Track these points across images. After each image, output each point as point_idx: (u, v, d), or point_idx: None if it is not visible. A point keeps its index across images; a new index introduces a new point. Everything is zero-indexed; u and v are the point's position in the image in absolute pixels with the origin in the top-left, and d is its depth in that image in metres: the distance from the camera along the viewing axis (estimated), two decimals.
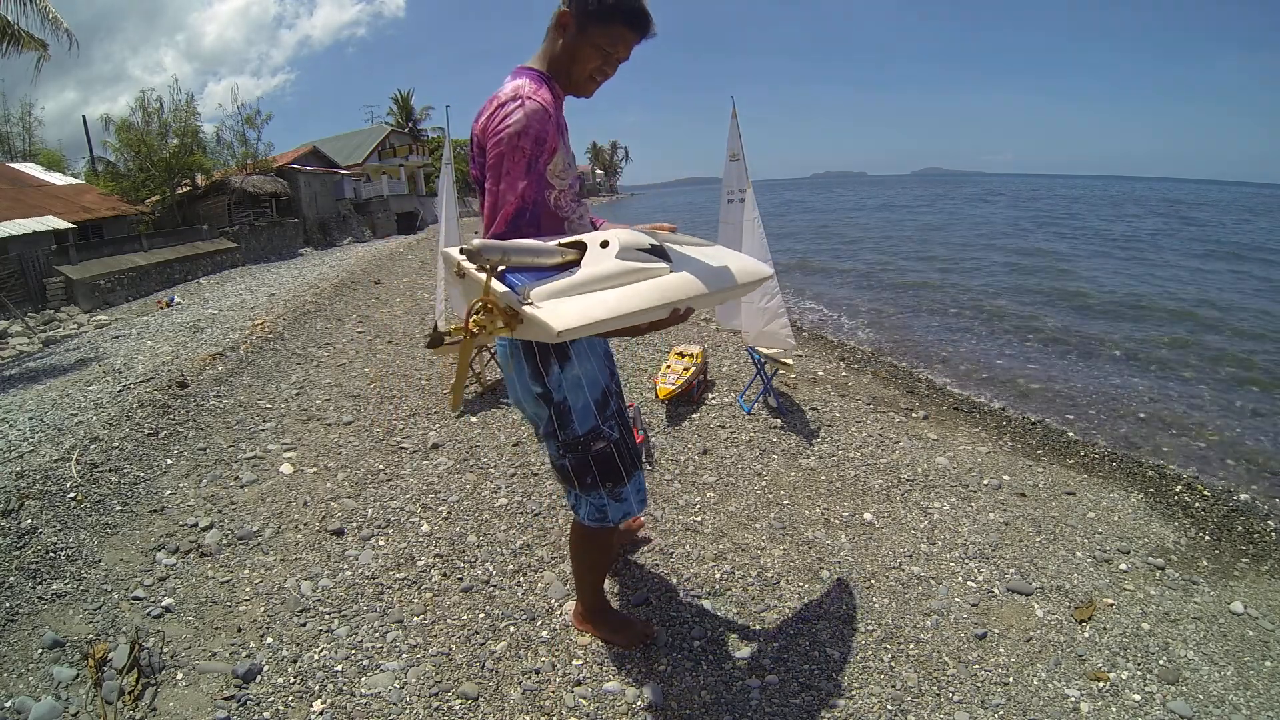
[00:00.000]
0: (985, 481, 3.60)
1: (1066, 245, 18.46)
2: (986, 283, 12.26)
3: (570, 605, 2.47)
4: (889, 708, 2.01)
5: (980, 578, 2.69)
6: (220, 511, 3.32)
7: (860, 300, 10.83)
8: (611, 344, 1.99)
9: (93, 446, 4.17)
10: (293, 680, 2.15)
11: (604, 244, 1.51)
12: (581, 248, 1.50)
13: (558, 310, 1.33)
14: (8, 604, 2.53)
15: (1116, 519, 3.28)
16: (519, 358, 1.78)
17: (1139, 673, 2.18)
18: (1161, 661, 2.24)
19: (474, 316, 1.34)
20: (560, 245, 1.50)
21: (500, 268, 1.38)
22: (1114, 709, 2.03)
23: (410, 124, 43.35)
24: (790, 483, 3.52)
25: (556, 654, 2.25)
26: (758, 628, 2.37)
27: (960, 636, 2.33)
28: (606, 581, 2.59)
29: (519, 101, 1.58)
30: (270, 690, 2.11)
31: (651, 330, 1.60)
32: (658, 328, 1.59)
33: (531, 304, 1.33)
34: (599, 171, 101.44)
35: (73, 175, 21.54)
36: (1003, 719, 1.99)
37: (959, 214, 34.31)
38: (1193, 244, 18.68)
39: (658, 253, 1.57)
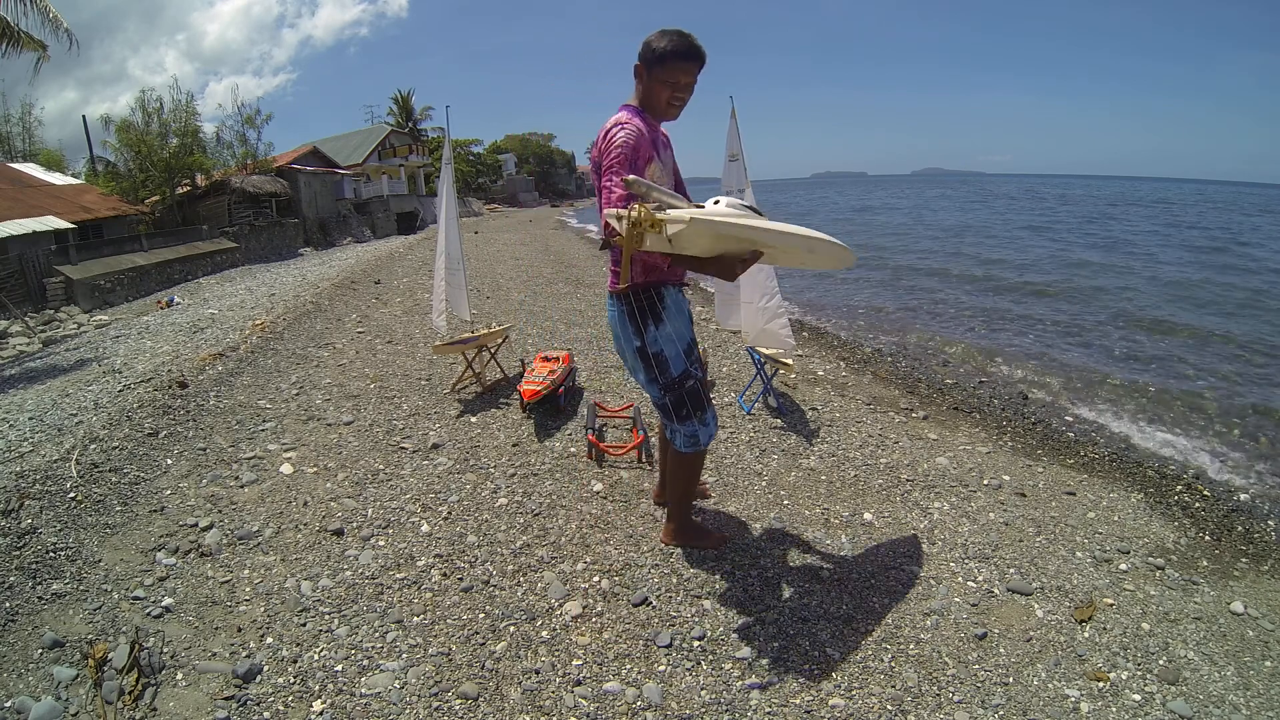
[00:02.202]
0: (985, 481, 3.60)
1: (1067, 246, 18.47)
2: (987, 283, 12.26)
3: (570, 605, 2.49)
4: (889, 708, 2.02)
5: (980, 578, 2.69)
6: (220, 511, 3.32)
7: (860, 300, 10.83)
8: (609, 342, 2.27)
9: (93, 446, 4.17)
10: (293, 680, 2.15)
11: (715, 202, 2.13)
12: (699, 207, 2.10)
13: (684, 215, 1.93)
14: (8, 604, 2.53)
15: (1116, 519, 3.28)
16: (624, 320, 2.44)
17: (1139, 673, 2.18)
18: (1161, 661, 2.24)
19: (635, 212, 1.93)
20: (687, 202, 2.16)
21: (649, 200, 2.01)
22: (1114, 709, 2.03)
23: (410, 124, 43.33)
24: (790, 483, 3.52)
25: (556, 654, 2.25)
26: (758, 628, 2.37)
27: (960, 636, 2.33)
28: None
29: (619, 126, 2.28)
30: (270, 690, 2.12)
31: (742, 269, 2.14)
32: (745, 265, 2.14)
33: (666, 216, 1.93)
34: None
35: (73, 175, 21.49)
36: (1003, 719, 1.99)
37: (958, 215, 34.32)
38: (1193, 244, 18.70)
39: (755, 213, 2.15)
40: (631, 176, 2.02)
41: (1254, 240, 20.08)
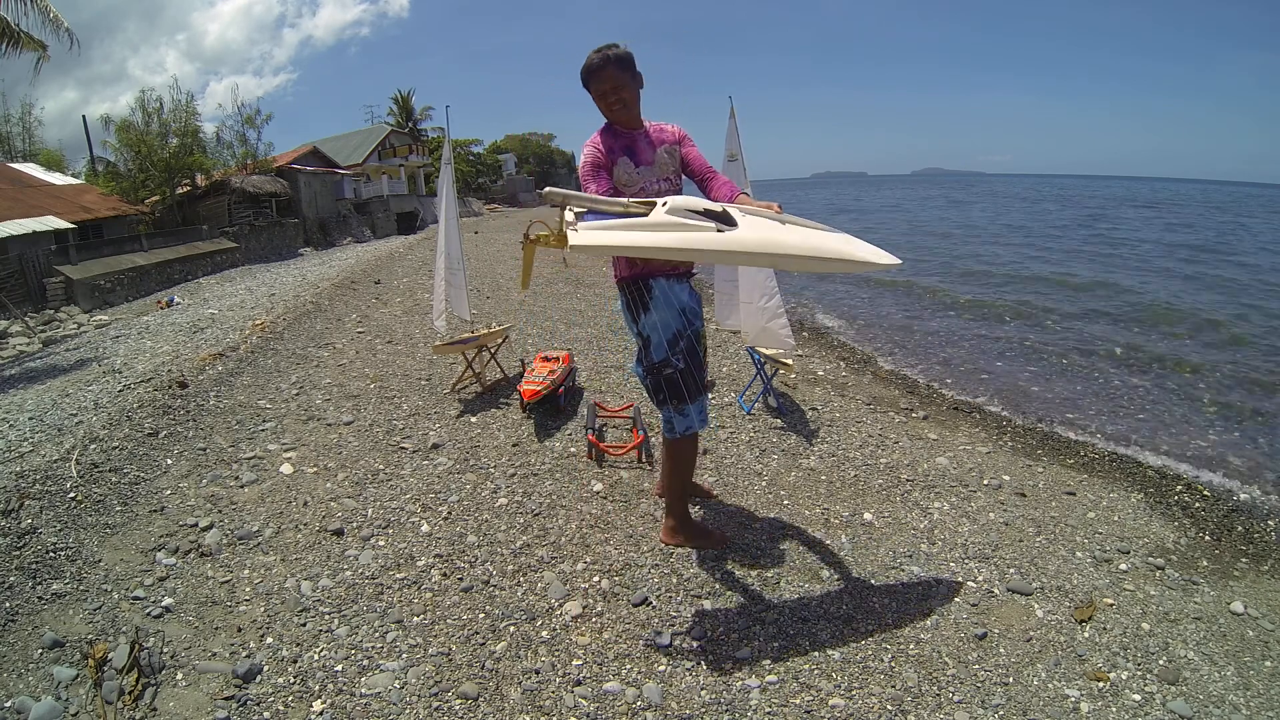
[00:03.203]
0: (985, 481, 3.60)
1: (1066, 247, 18.47)
2: (986, 284, 12.26)
3: (570, 605, 2.49)
4: (889, 708, 2.01)
5: (980, 578, 2.69)
6: (220, 511, 3.32)
7: (861, 301, 10.83)
8: (613, 343, 2.33)
9: (93, 446, 4.17)
10: (293, 680, 2.15)
11: (664, 204, 2.18)
12: (652, 206, 2.20)
13: (581, 235, 2.02)
14: (8, 604, 2.53)
15: (1116, 519, 3.28)
16: (623, 307, 2.64)
17: (1139, 673, 2.18)
18: (1161, 661, 2.24)
19: (540, 232, 2.09)
20: (633, 202, 2.24)
21: (569, 207, 2.13)
22: (1114, 709, 2.03)
23: (410, 124, 43.29)
24: (790, 483, 3.52)
25: (556, 654, 2.25)
26: (758, 628, 2.37)
27: (960, 636, 2.33)
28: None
29: (583, 149, 2.54)
30: (270, 690, 2.12)
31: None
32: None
33: (575, 229, 2.04)
34: None
35: (73, 175, 21.48)
36: (1003, 719, 1.99)
37: (957, 216, 34.33)
38: (1192, 245, 18.70)
39: (717, 217, 2.17)
40: (547, 189, 2.19)
41: (1254, 244, 20.08)
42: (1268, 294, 10.84)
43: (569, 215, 2.09)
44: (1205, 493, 3.75)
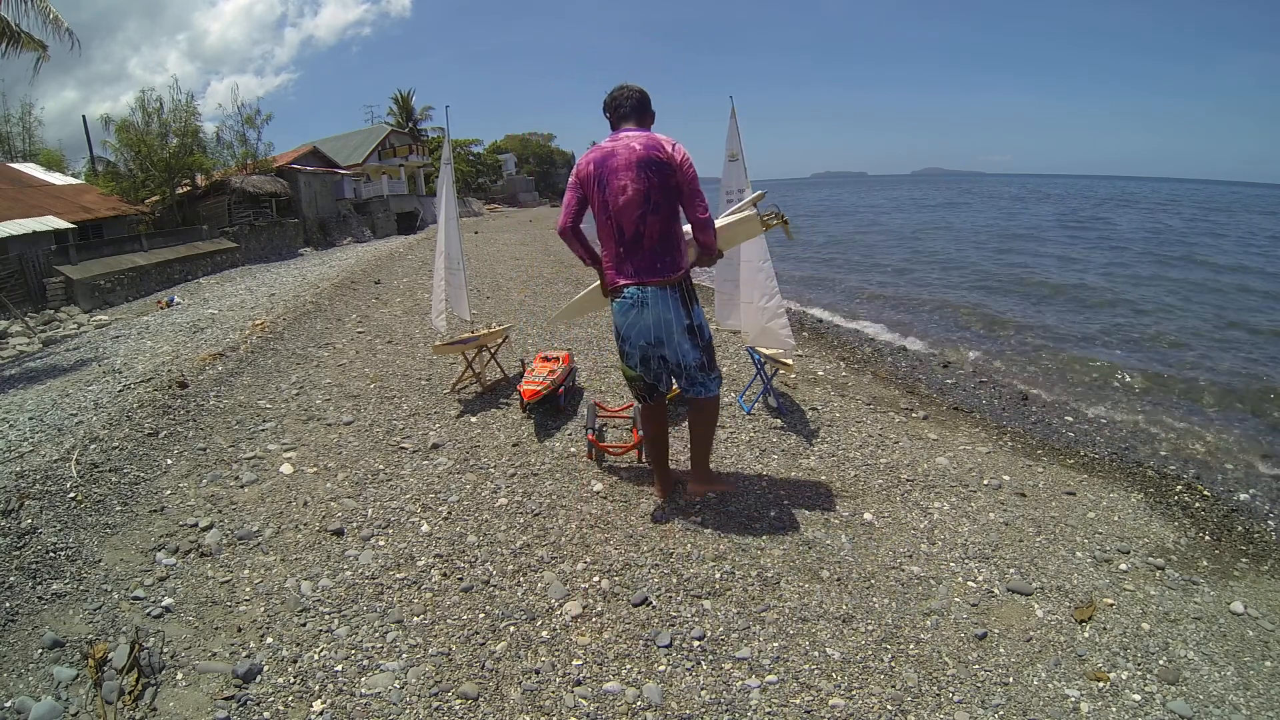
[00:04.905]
0: (985, 481, 3.60)
1: (1066, 247, 18.47)
2: (985, 284, 12.25)
3: (570, 605, 2.49)
4: (889, 708, 2.02)
5: (980, 578, 2.69)
6: (220, 511, 3.32)
7: (860, 301, 10.83)
8: (613, 343, 2.97)
9: (93, 446, 4.17)
10: (293, 680, 2.15)
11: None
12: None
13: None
14: (8, 604, 2.53)
15: (1116, 519, 3.28)
16: (674, 305, 2.90)
17: (1139, 673, 2.18)
18: (1161, 661, 2.24)
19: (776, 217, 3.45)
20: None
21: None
22: (1114, 709, 2.03)
23: (410, 124, 43.31)
24: (790, 483, 3.52)
25: (556, 654, 2.25)
26: (758, 628, 2.37)
27: (960, 636, 2.33)
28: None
29: (681, 146, 2.90)
30: (270, 690, 2.12)
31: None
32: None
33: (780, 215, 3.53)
34: None
35: (73, 175, 21.46)
36: (1003, 719, 1.99)
37: (956, 216, 34.32)
38: (1193, 245, 18.69)
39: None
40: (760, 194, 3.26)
41: (1253, 244, 20.08)
42: (1267, 293, 10.85)
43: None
44: (1205, 493, 3.75)
